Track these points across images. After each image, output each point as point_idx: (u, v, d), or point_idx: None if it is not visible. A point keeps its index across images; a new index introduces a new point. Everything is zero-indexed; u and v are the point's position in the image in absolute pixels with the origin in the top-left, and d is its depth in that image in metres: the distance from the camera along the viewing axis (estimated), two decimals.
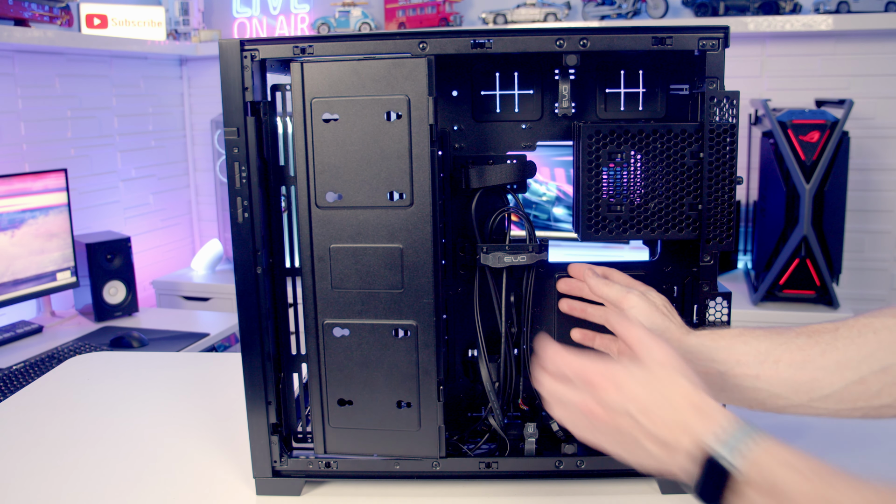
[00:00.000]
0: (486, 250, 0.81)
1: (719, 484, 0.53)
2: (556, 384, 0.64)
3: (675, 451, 0.57)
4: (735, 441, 0.53)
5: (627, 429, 0.59)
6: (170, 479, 0.91)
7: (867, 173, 2.58)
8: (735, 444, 0.53)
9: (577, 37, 0.77)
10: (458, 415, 0.92)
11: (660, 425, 0.57)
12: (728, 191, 0.77)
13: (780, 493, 0.50)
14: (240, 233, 0.80)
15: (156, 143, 3.07)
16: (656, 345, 0.62)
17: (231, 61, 0.78)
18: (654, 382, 0.59)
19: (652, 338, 0.63)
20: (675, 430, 0.57)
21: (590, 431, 0.62)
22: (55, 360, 1.98)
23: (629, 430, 0.59)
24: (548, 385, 0.64)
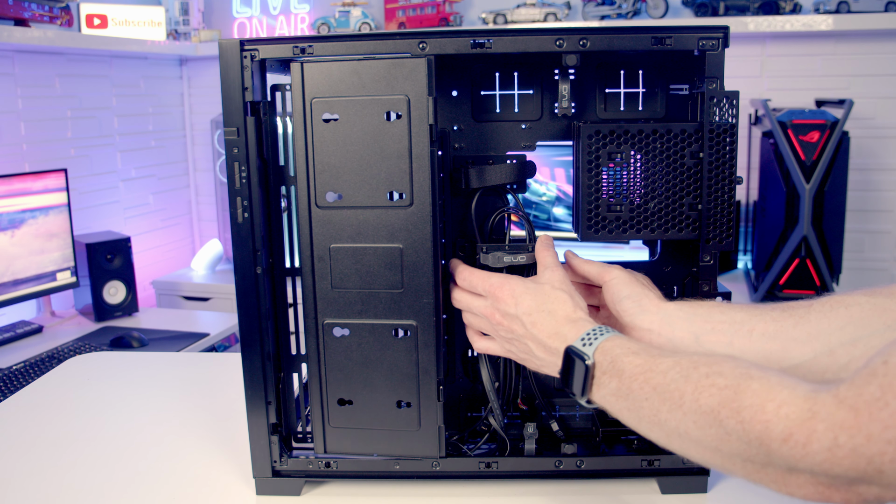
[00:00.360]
0: (486, 250, 0.81)
1: (577, 372, 0.65)
2: (468, 296, 0.78)
3: (552, 354, 0.70)
4: (591, 338, 0.66)
5: (519, 333, 0.72)
6: (170, 478, 0.91)
7: (867, 173, 2.58)
8: (590, 340, 0.66)
9: (577, 37, 0.77)
10: (458, 415, 0.92)
11: (543, 332, 0.70)
12: (728, 191, 0.77)
13: (620, 370, 0.62)
14: (240, 233, 0.80)
15: (156, 143, 3.07)
16: (554, 271, 0.75)
17: (231, 61, 0.78)
18: (544, 297, 0.72)
19: (555, 267, 0.75)
20: (553, 337, 0.70)
21: (492, 337, 0.77)
22: (55, 360, 1.98)
23: (520, 334, 0.72)
24: (460, 297, 0.79)
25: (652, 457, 0.84)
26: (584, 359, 0.64)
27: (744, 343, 0.68)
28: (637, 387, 0.60)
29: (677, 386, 0.56)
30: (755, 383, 0.51)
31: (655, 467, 0.84)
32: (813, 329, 0.66)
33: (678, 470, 0.84)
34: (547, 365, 0.72)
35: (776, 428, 0.48)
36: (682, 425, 0.55)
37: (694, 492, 0.85)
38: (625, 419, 0.63)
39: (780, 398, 0.48)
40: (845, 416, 0.44)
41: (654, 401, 0.58)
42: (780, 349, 0.67)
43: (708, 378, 0.54)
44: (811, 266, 2.19)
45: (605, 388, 0.63)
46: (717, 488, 0.86)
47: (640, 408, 0.60)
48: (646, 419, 0.59)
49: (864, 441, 0.43)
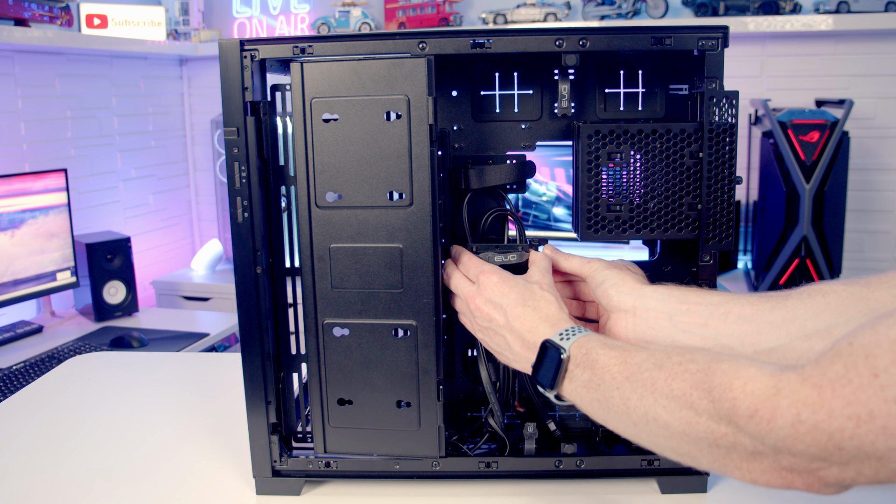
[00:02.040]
0: (477, 250, 0.82)
1: (551, 364, 0.66)
2: (460, 278, 0.79)
3: (528, 348, 0.70)
4: (568, 334, 0.67)
5: (498, 322, 0.73)
6: (170, 478, 0.91)
7: (867, 173, 2.58)
8: (567, 336, 0.67)
9: (577, 37, 0.77)
10: (458, 415, 0.92)
11: (524, 325, 0.71)
12: (728, 190, 0.78)
13: (593, 361, 0.63)
14: (240, 233, 0.80)
15: (156, 143, 3.07)
16: (545, 275, 0.76)
17: (231, 61, 0.78)
18: (530, 294, 0.73)
19: (546, 272, 0.77)
20: (532, 331, 0.70)
21: (471, 320, 0.78)
22: (55, 360, 1.98)
23: (500, 324, 0.73)
24: (453, 278, 0.80)
25: (652, 456, 0.84)
26: (560, 351, 0.65)
27: (719, 325, 0.69)
28: (609, 377, 0.61)
29: (650, 374, 0.57)
30: (724, 364, 0.52)
31: (655, 467, 0.84)
32: (789, 314, 0.66)
33: (678, 470, 0.84)
34: (520, 359, 0.72)
35: (742, 404, 0.49)
36: (652, 410, 0.56)
37: (693, 491, 0.85)
38: (594, 412, 0.63)
39: (747, 375, 0.49)
40: (809, 392, 0.45)
41: (626, 389, 0.59)
42: (755, 332, 0.67)
43: (681, 365, 0.55)
44: (811, 266, 2.19)
45: (576, 381, 0.64)
46: (716, 488, 0.86)
47: (609, 398, 0.60)
48: (615, 409, 0.60)
49: (826, 417, 0.44)
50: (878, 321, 0.45)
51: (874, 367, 0.43)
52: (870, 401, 0.43)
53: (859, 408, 0.43)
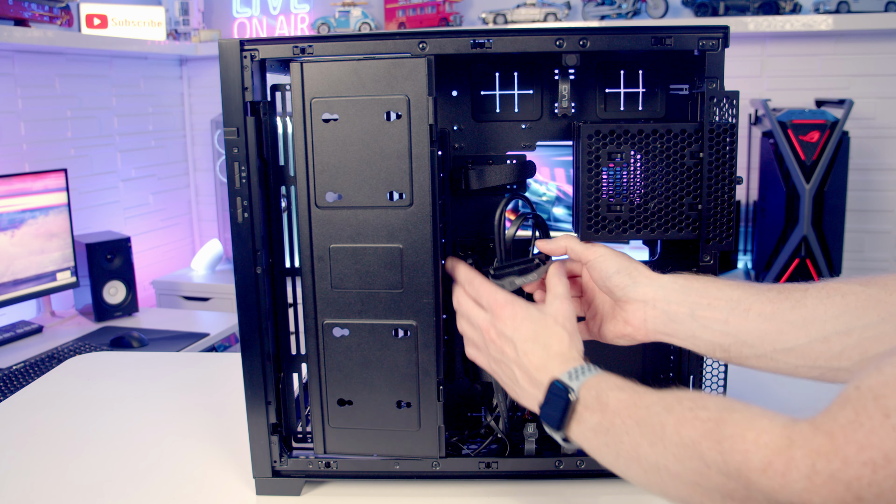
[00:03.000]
0: (495, 274, 0.79)
1: (559, 404, 0.63)
2: (471, 303, 0.76)
3: (536, 386, 0.67)
4: (577, 373, 0.65)
5: (509, 356, 0.70)
6: (169, 478, 0.91)
7: (867, 173, 2.58)
8: (577, 375, 0.64)
9: (577, 37, 0.77)
10: (459, 415, 0.92)
11: (532, 363, 0.68)
12: (728, 191, 0.77)
13: (603, 404, 0.61)
14: (240, 233, 0.80)
15: (156, 143, 3.07)
16: (562, 304, 0.72)
17: (231, 61, 0.78)
18: (543, 329, 0.70)
19: (564, 299, 0.73)
20: (541, 370, 0.67)
21: (480, 350, 0.75)
22: (55, 360, 1.98)
23: (510, 358, 0.70)
24: (463, 302, 0.76)
25: None
26: (569, 392, 0.63)
27: (740, 322, 0.68)
28: (619, 421, 0.59)
29: (660, 419, 0.55)
30: (737, 414, 0.50)
31: None
32: (809, 314, 0.65)
33: None
34: (527, 397, 0.69)
35: (755, 457, 0.47)
36: (663, 459, 0.54)
37: None
38: (602, 456, 0.61)
39: (760, 427, 0.48)
40: (822, 441, 0.44)
41: (635, 434, 0.57)
42: (775, 331, 0.66)
43: (691, 411, 0.53)
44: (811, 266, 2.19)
45: (585, 424, 0.62)
46: None
47: (619, 443, 0.58)
48: (625, 454, 0.58)
49: (841, 465, 0.42)
50: (883, 361, 0.44)
51: (885, 407, 0.42)
52: (884, 443, 0.41)
53: (874, 452, 0.41)
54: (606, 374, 0.64)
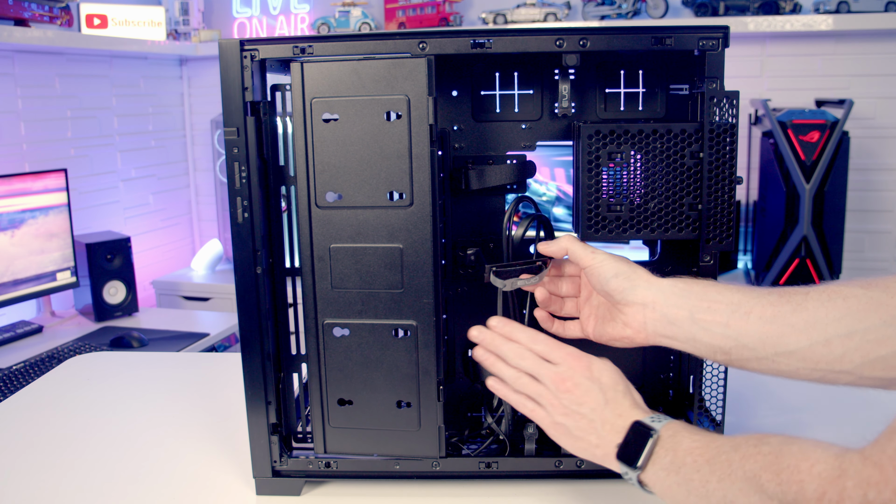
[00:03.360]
0: (499, 273, 0.79)
1: (642, 443, 0.66)
2: (535, 358, 0.74)
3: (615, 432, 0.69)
4: (657, 419, 0.68)
5: (588, 404, 0.71)
6: (170, 479, 0.91)
7: (867, 173, 2.58)
8: (657, 419, 0.68)
9: (577, 37, 0.77)
10: (459, 415, 0.92)
11: (616, 410, 0.70)
12: (728, 191, 0.77)
13: (677, 443, 0.64)
14: (240, 233, 0.80)
15: (156, 143, 3.07)
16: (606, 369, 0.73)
17: (231, 61, 0.78)
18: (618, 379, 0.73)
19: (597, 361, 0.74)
20: (625, 416, 0.70)
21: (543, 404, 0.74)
22: (55, 360, 1.98)
23: (589, 405, 0.71)
24: (527, 357, 0.75)
25: None
26: (652, 432, 0.66)
27: (740, 325, 0.68)
28: (690, 460, 0.62)
29: (727, 456, 0.58)
30: (794, 447, 0.53)
31: None
32: (810, 317, 0.66)
33: None
34: (603, 444, 0.70)
35: (810, 487, 0.49)
36: (730, 493, 0.57)
37: None
38: (673, 495, 0.63)
39: (814, 457, 0.50)
40: (871, 472, 0.46)
41: (705, 472, 0.60)
42: (776, 334, 0.67)
43: (755, 447, 0.57)
44: (811, 266, 2.19)
45: (659, 463, 0.65)
46: None
47: (689, 480, 0.61)
48: (695, 492, 0.60)
49: (892, 496, 0.45)
50: None
51: None
52: None
53: None
54: (681, 422, 0.67)
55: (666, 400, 0.91)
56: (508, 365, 0.76)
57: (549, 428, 0.74)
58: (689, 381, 0.84)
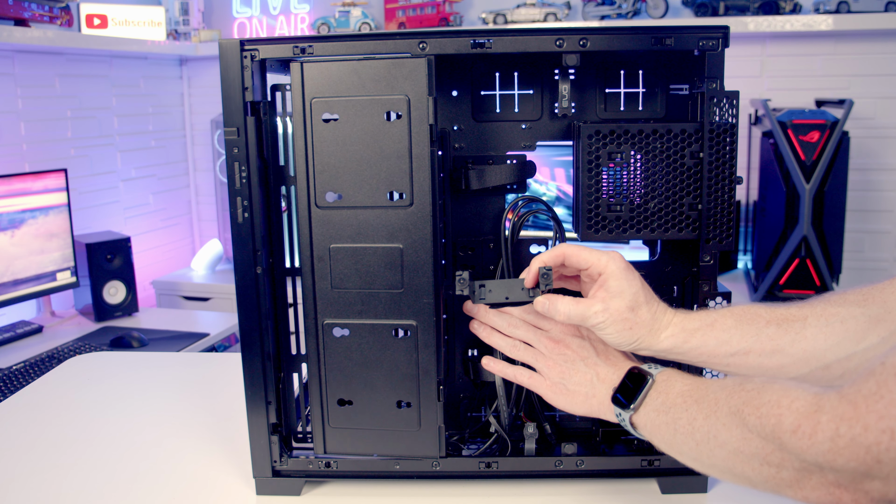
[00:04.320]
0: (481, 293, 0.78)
1: (636, 385, 0.69)
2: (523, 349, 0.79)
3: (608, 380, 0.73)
4: (652, 366, 0.71)
5: (583, 356, 0.76)
6: (170, 479, 0.91)
7: (867, 173, 2.58)
8: (653, 367, 0.71)
9: (577, 37, 0.77)
10: (459, 415, 0.92)
11: (610, 359, 0.75)
12: (728, 191, 0.77)
13: (670, 387, 0.66)
14: (240, 233, 0.80)
15: (156, 143, 3.07)
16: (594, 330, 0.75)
17: (231, 61, 0.78)
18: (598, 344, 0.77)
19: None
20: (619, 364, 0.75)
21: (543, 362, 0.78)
22: (55, 360, 1.98)
23: (585, 357, 0.76)
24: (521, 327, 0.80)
25: (652, 457, 0.84)
26: (650, 376, 0.69)
27: (740, 363, 0.71)
28: (681, 401, 0.64)
29: (715, 395, 0.61)
30: (777, 384, 0.55)
31: (655, 467, 0.84)
32: (809, 346, 0.68)
33: (678, 470, 0.83)
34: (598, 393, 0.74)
35: (787, 419, 0.51)
36: (713, 428, 0.59)
37: (694, 491, 0.85)
38: (661, 434, 0.66)
39: (794, 394, 0.52)
40: (846, 408, 0.48)
41: (693, 410, 0.62)
42: (776, 366, 0.69)
43: (740, 385, 0.59)
44: (811, 266, 2.19)
45: (650, 405, 0.67)
46: (717, 488, 0.86)
47: (677, 419, 0.63)
48: (681, 430, 0.63)
49: (862, 431, 0.46)
50: None
51: None
52: None
53: (892, 422, 0.45)
54: (675, 368, 0.70)
55: None
56: (503, 335, 0.81)
57: (548, 391, 0.77)
58: None
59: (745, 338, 0.70)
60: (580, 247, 0.76)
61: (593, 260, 0.75)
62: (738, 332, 0.70)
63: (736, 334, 0.70)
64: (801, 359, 0.68)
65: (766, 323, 0.70)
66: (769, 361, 0.69)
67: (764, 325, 0.70)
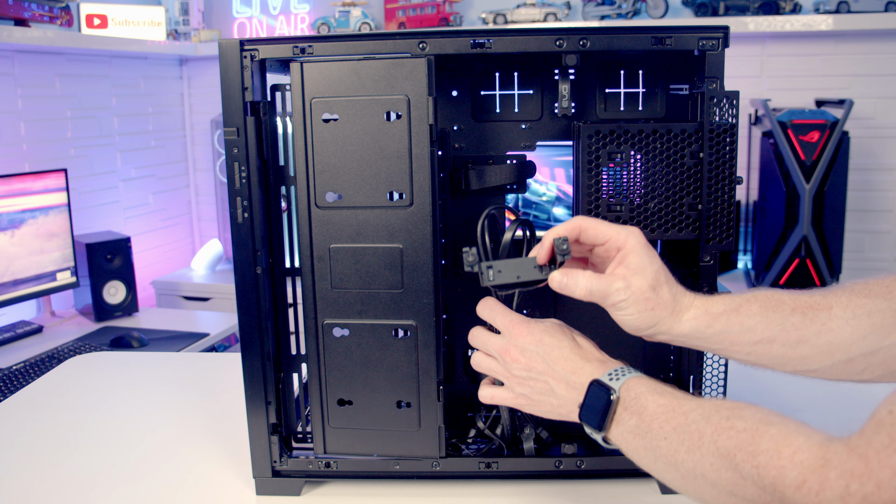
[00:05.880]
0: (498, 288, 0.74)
1: (599, 405, 0.64)
2: (483, 332, 0.74)
3: (574, 389, 0.67)
4: (617, 374, 0.65)
5: (538, 370, 0.69)
6: (170, 479, 0.91)
7: (867, 173, 2.58)
8: (616, 376, 0.65)
9: (577, 37, 0.77)
10: (459, 415, 0.92)
11: (566, 367, 0.68)
12: (728, 191, 0.77)
13: (642, 407, 0.61)
14: (240, 233, 0.80)
15: (156, 143, 3.07)
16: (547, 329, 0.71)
17: (231, 61, 0.78)
18: (563, 337, 0.70)
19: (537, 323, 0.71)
20: (577, 372, 0.67)
21: (505, 374, 0.71)
22: (55, 360, 1.98)
23: (539, 371, 0.69)
24: (477, 335, 0.74)
25: None
26: (611, 392, 0.63)
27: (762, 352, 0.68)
28: (657, 426, 0.59)
29: (697, 427, 0.56)
30: (773, 429, 0.51)
31: None
32: (835, 339, 0.65)
33: None
34: (565, 403, 0.68)
35: (790, 474, 0.48)
36: (699, 467, 0.55)
37: None
38: (640, 458, 0.62)
39: (796, 444, 0.49)
40: (856, 464, 0.45)
41: (673, 440, 0.58)
42: (799, 357, 0.66)
43: (728, 420, 0.55)
44: (811, 266, 2.19)
45: (624, 425, 0.62)
46: None
47: (657, 447, 0.59)
48: (662, 459, 0.59)
49: (875, 489, 0.43)
50: None
51: None
52: None
53: None
54: (645, 377, 0.64)
55: None
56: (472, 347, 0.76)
57: (514, 403, 0.72)
58: (689, 382, 0.84)
59: (770, 326, 0.66)
60: (597, 220, 0.72)
61: (612, 234, 0.70)
62: (763, 319, 0.67)
63: (761, 321, 0.67)
64: (825, 351, 0.65)
65: (791, 311, 0.67)
66: (793, 352, 0.66)
67: (789, 312, 0.67)
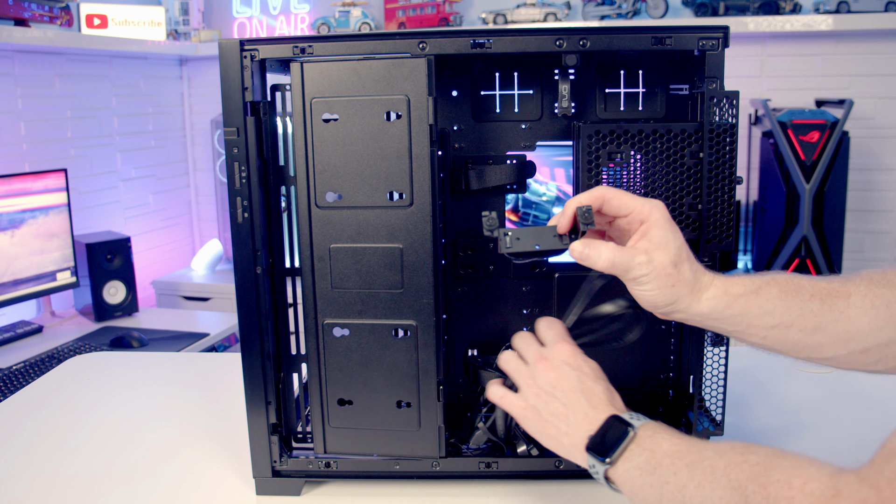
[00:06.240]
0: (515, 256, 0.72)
1: (616, 436, 0.63)
2: (532, 337, 0.74)
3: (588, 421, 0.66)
4: (638, 417, 0.65)
5: (564, 388, 0.68)
6: (170, 479, 0.91)
7: (867, 173, 2.58)
8: (637, 418, 0.65)
9: (577, 37, 0.77)
10: (459, 415, 0.92)
11: (596, 394, 0.67)
12: (728, 191, 0.77)
13: (656, 444, 0.61)
14: (240, 233, 0.80)
15: (156, 143, 3.07)
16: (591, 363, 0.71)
17: (231, 61, 0.78)
18: (601, 375, 0.70)
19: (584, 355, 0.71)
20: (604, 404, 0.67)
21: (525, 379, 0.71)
22: (55, 360, 1.98)
23: (564, 389, 0.68)
24: (525, 335, 0.75)
25: None
26: (630, 428, 0.63)
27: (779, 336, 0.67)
28: (668, 462, 0.59)
29: (710, 462, 0.56)
30: (785, 461, 0.51)
31: None
32: (852, 327, 0.64)
33: None
34: (573, 433, 0.66)
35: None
36: (708, 499, 0.55)
37: None
38: (644, 496, 0.61)
39: (807, 475, 0.49)
40: (867, 494, 0.45)
41: (683, 475, 0.57)
42: (815, 344, 0.66)
43: (742, 455, 0.55)
44: (811, 266, 2.19)
45: (632, 461, 0.62)
46: None
47: (665, 483, 0.58)
48: (668, 495, 0.58)
49: None
50: None
51: None
52: None
53: None
54: (665, 424, 0.65)
55: (666, 400, 0.91)
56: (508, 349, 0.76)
57: (519, 413, 0.70)
58: (689, 381, 0.84)
59: (789, 311, 0.66)
60: (621, 191, 0.70)
61: (636, 206, 0.68)
62: (782, 304, 0.66)
63: (780, 305, 0.66)
64: (842, 339, 0.64)
65: (810, 297, 0.66)
66: (809, 338, 0.65)
67: (808, 298, 0.66)
